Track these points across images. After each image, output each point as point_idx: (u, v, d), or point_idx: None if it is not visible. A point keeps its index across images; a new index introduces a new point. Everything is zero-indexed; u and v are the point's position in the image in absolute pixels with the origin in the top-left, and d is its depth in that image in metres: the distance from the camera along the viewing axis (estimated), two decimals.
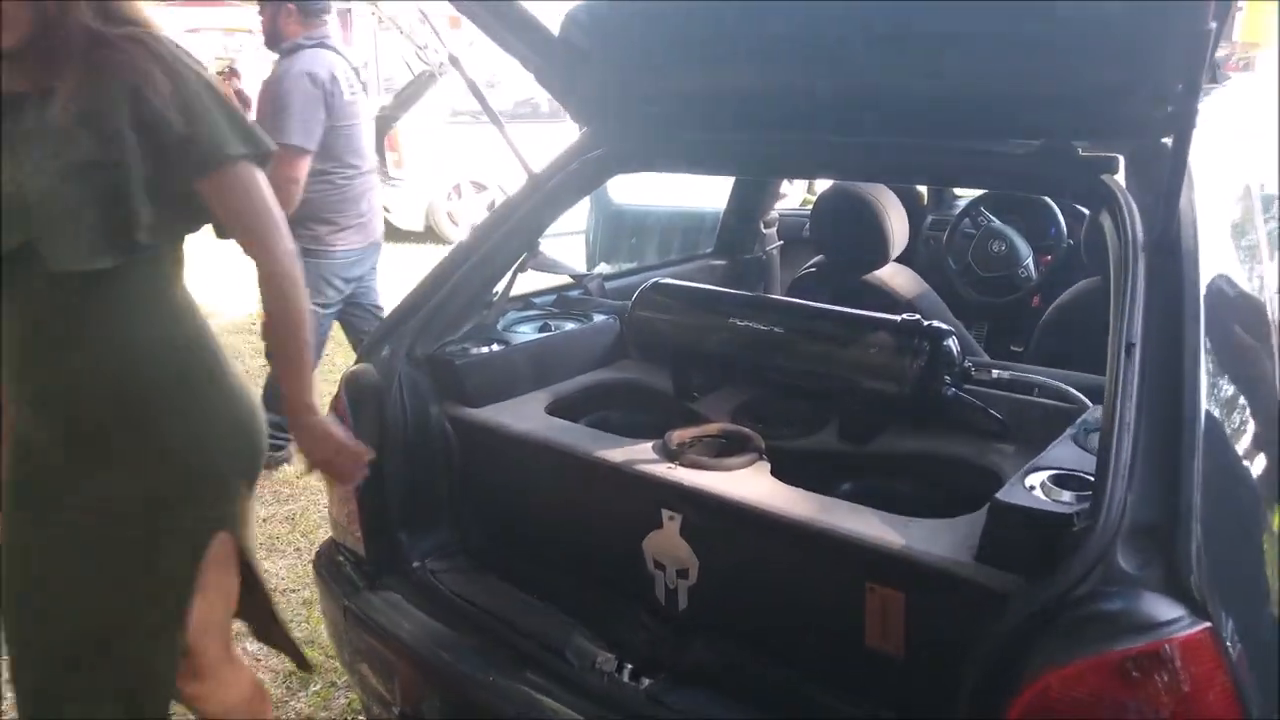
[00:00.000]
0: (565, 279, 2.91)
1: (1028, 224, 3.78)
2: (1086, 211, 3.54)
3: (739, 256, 3.62)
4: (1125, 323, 1.52)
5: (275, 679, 3.03)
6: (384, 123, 10.09)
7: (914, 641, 1.63)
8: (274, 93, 3.89)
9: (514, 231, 2.40)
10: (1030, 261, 3.76)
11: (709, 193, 4.25)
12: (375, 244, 4.42)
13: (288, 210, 3.95)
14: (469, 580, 2.17)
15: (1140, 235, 1.61)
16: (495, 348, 2.33)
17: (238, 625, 2.08)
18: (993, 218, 3.80)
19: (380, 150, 10.01)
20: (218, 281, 7.74)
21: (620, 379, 2.48)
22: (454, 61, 2.46)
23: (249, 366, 6.00)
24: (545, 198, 2.43)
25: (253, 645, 2.80)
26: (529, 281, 2.69)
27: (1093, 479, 1.50)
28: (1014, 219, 3.79)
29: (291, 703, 2.97)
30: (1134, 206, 1.65)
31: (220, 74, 16.45)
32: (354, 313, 4.47)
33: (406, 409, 2.18)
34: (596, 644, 1.92)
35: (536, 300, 2.74)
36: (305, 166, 3.89)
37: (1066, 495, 1.51)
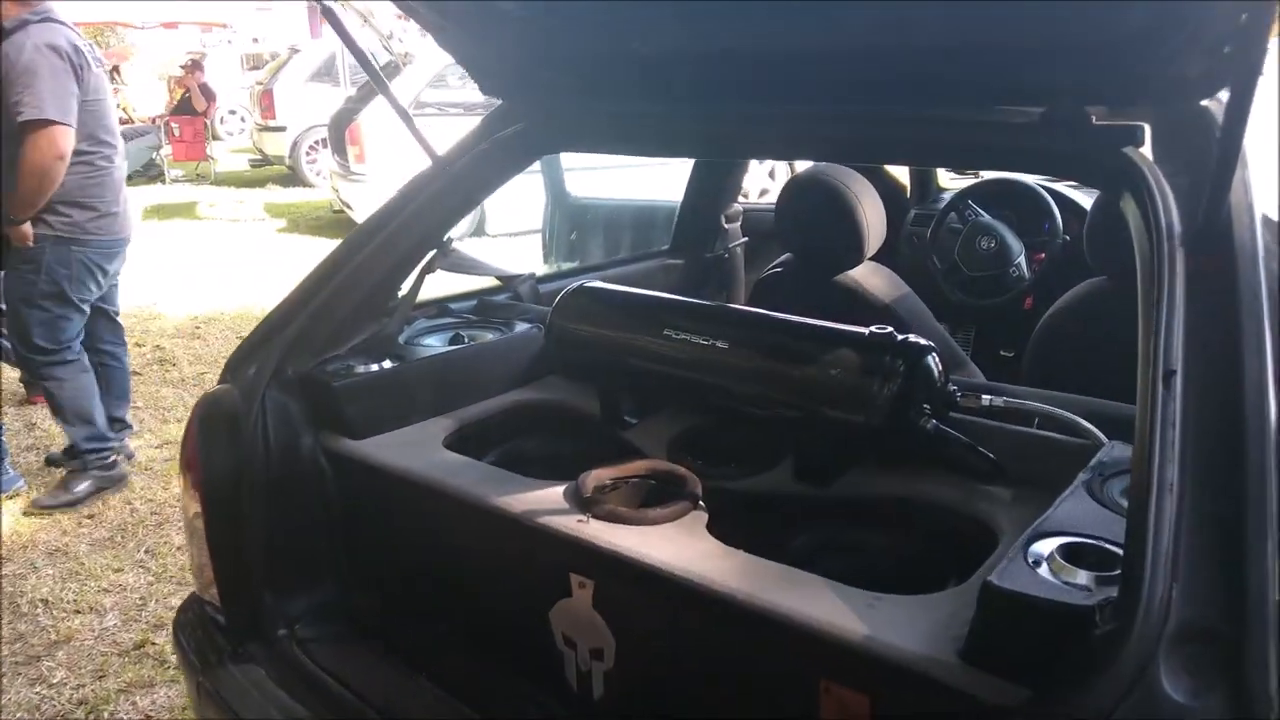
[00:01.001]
0: (489, 280, 2.52)
1: (1019, 218, 3.42)
2: (1087, 203, 3.19)
3: (698, 255, 3.23)
4: (1161, 343, 1.14)
5: None
6: (345, 115, 9.72)
7: None
8: (18, 68, 3.43)
9: (413, 223, 2.00)
10: (1022, 260, 3.41)
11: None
12: (128, 239, 3.99)
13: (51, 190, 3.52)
14: (345, 653, 1.78)
15: (1177, 226, 1.23)
16: (387, 365, 1.94)
17: None
18: (981, 211, 3.43)
19: (341, 145, 9.63)
20: (158, 285, 7.36)
21: (541, 401, 2.09)
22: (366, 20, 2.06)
23: (184, 374, 5.59)
24: (452, 183, 2.03)
25: None
26: (455, 285, 2.31)
27: (1119, 552, 1.12)
28: (1005, 213, 3.43)
29: None
30: (1167, 188, 1.27)
31: (183, 67, 16.05)
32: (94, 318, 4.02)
33: (270, 441, 1.79)
34: None
35: (454, 306, 2.35)
36: (69, 142, 3.50)
37: (1083, 576, 1.13)
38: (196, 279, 7.90)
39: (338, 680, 1.70)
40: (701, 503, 1.57)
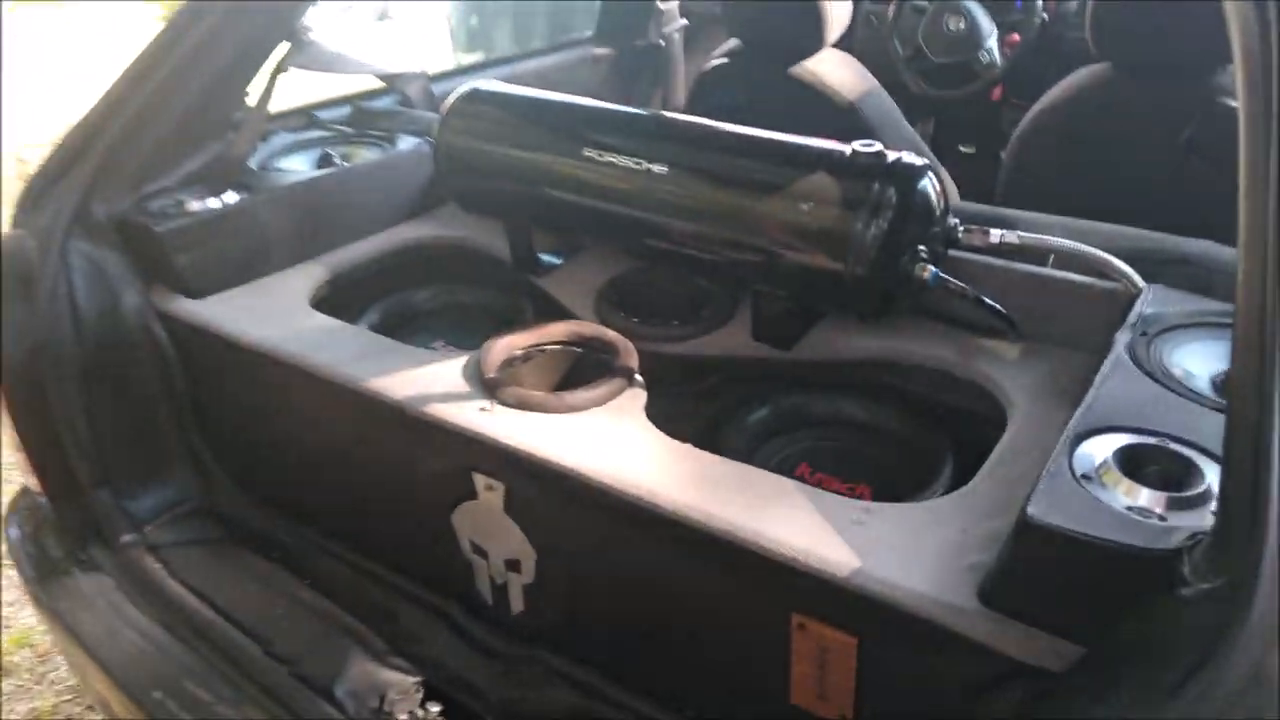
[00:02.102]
0: (371, 81, 2.05)
1: None
2: None
3: (628, 43, 2.74)
4: None
5: None
6: None
7: (869, 709, 0.99)
8: None
9: (253, 4, 1.51)
10: (994, 42, 3.00)
11: None
12: None
13: None
14: (210, 558, 1.46)
15: None
16: (231, 198, 1.51)
17: None
18: None
19: None
20: None
21: (434, 240, 1.69)
22: None
23: None
24: None
25: None
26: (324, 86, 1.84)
27: (1189, 455, 0.84)
28: None
29: None
30: None
31: None
32: None
33: (79, 304, 1.39)
34: (387, 668, 1.25)
35: (323, 116, 1.89)
36: None
37: (1148, 496, 0.84)
38: None
39: (198, 594, 1.39)
40: (638, 377, 1.24)
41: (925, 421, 1.27)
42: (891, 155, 1.20)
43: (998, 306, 1.21)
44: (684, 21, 2.89)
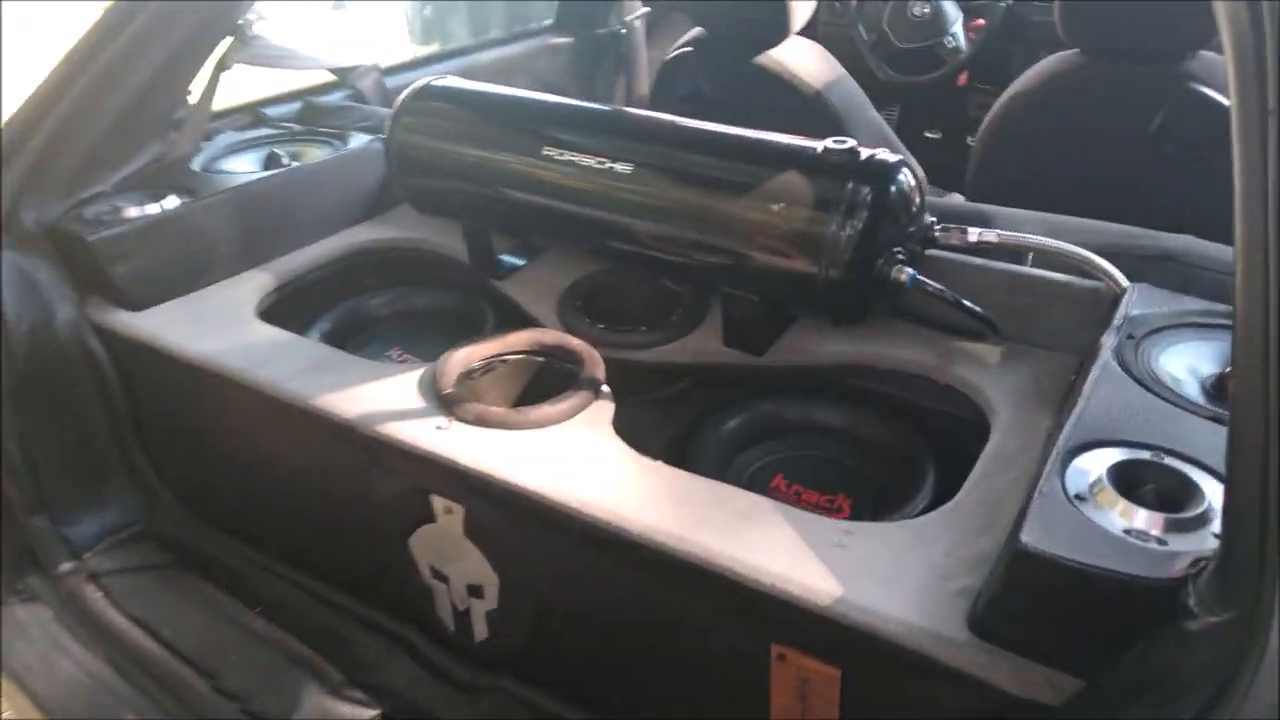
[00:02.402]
0: (322, 75, 1.96)
1: None
2: None
3: (589, 31, 2.67)
4: None
5: None
6: None
7: None
8: None
9: None
10: (959, 28, 2.97)
11: None
12: None
13: None
14: (154, 586, 1.39)
15: None
16: (171, 203, 1.43)
17: None
18: None
19: None
20: None
21: (388, 243, 1.61)
22: None
23: None
24: None
25: None
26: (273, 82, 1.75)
27: (1185, 471, 0.80)
28: None
29: None
30: None
31: None
32: None
33: (7, 316, 1.31)
34: (344, 701, 1.19)
35: (271, 113, 1.80)
36: None
37: (1152, 521, 0.79)
38: None
39: (143, 626, 1.32)
40: (605, 389, 1.17)
41: (905, 428, 1.22)
42: (865, 152, 1.14)
43: (977, 309, 1.16)
44: (646, 9, 2.82)
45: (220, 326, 1.33)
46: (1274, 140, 0.73)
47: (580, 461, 1.05)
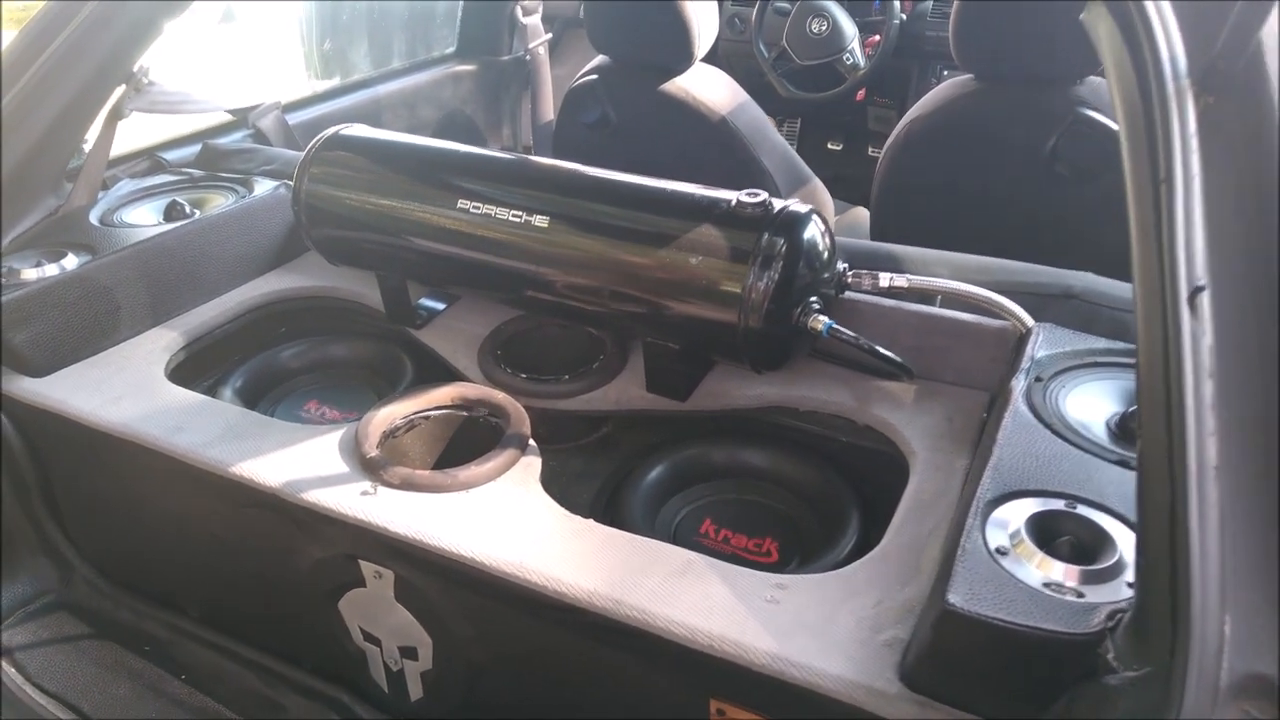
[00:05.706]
0: (220, 116, 1.91)
1: None
2: None
3: (492, 58, 2.65)
4: (1176, 241, 0.78)
5: None
6: None
7: None
8: None
9: (84, 44, 1.38)
10: (856, 45, 3.04)
11: None
12: None
13: None
14: (73, 658, 1.33)
15: (1181, 60, 0.86)
16: (70, 263, 1.38)
17: None
18: None
19: None
20: None
21: (299, 292, 1.58)
22: None
23: None
24: None
25: None
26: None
27: (1095, 519, 0.85)
28: None
29: None
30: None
31: None
32: None
33: None
34: None
35: (169, 157, 1.75)
36: None
37: (1068, 574, 0.83)
38: None
39: (61, 701, 1.27)
40: (532, 444, 1.18)
41: (828, 469, 1.25)
42: (777, 204, 1.17)
43: (890, 355, 1.20)
44: (548, 36, 2.82)
45: (130, 390, 1.29)
46: (1166, 208, 0.78)
47: (510, 522, 1.06)
